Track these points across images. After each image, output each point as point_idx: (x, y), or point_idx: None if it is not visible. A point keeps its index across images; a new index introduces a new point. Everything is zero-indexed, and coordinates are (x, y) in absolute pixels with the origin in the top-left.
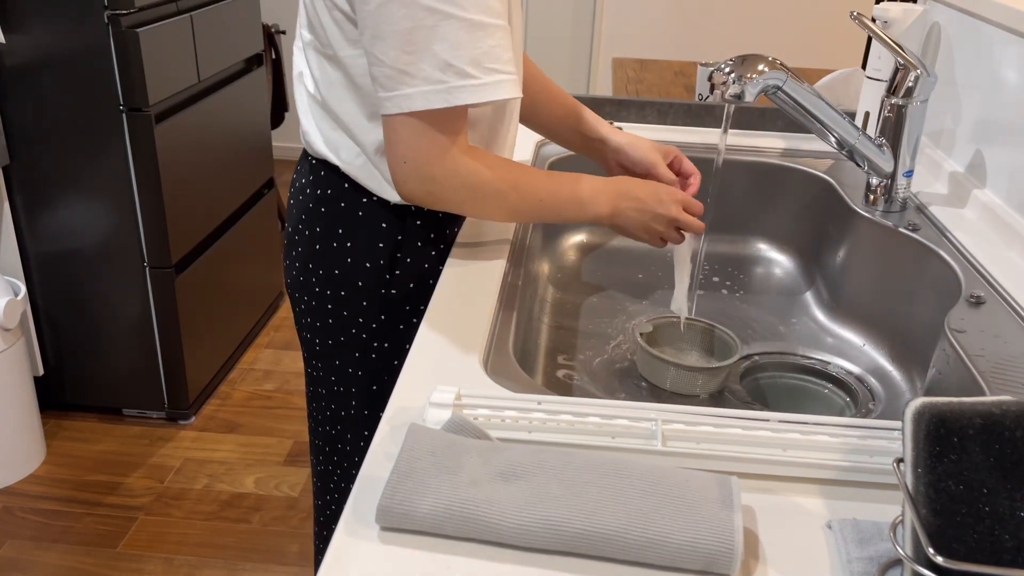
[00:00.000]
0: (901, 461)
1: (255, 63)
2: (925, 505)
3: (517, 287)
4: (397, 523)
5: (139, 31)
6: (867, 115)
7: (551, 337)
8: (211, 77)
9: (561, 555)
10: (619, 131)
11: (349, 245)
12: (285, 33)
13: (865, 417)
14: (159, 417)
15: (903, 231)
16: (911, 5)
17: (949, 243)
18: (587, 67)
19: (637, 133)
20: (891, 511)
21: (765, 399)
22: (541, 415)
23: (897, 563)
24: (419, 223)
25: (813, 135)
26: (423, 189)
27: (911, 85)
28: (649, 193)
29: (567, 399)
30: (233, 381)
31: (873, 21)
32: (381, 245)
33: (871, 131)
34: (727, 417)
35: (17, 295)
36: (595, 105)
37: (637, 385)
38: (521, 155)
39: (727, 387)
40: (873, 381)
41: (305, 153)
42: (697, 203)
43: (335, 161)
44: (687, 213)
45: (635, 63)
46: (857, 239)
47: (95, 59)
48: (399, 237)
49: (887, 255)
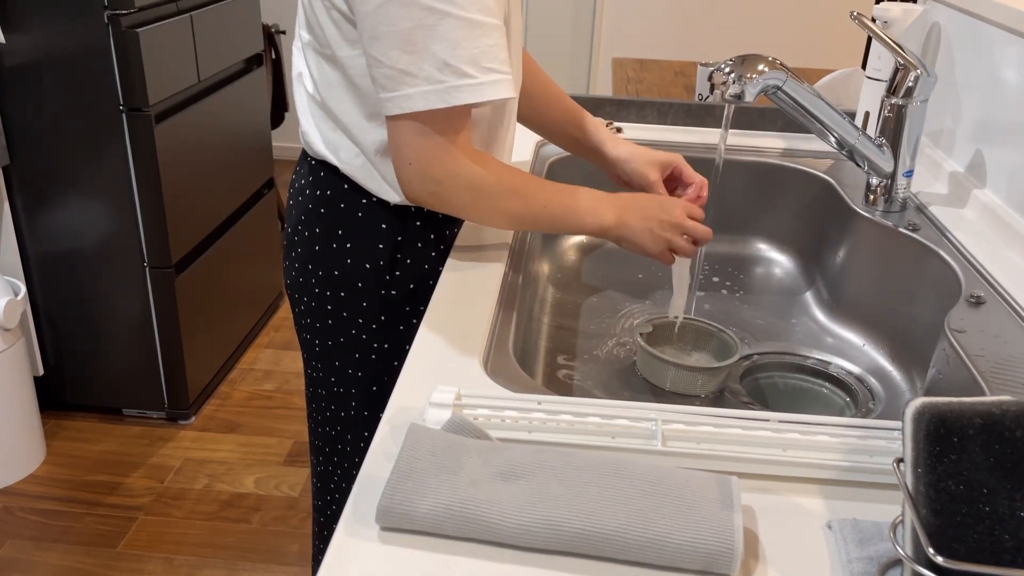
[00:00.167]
0: (901, 461)
1: (255, 63)
2: (925, 505)
3: (517, 287)
4: (397, 523)
5: (139, 31)
6: (867, 115)
7: (551, 337)
8: (211, 77)
9: (561, 555)
10: (619, 141)
11: (349, 246)
12: (285, 33)
13: (865, 417)
14: (159, 417)
15: (903, 231)
16: (911, 5)
17: (949, 243)
18: (587, 67)
19: (637, 133)
20: (891, 511)
21: (765, 399)
22: (541, 415)
23: (897, 563)
24: (419, 224)
25: (813, 135)
26: (428, 191)
27: (911, 85)
28: (652, 201)
29: (567, 399)
30: (233, 381)
31: (873, 21)
32: (381, 246)
33: (871, 131)
34: (727, 417)
35: (17, 295)
36: (595, 105)
37: (637, 385)
38: (521, 155)
39: (727, 387)
40: (873, 381)
41: (304, 154)
42: (699, 211)
43: (334, 162)
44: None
45: (635, 63)
46: (857, 239)
47: (95, 59)
48: (399, 238)
49: (887, 255)
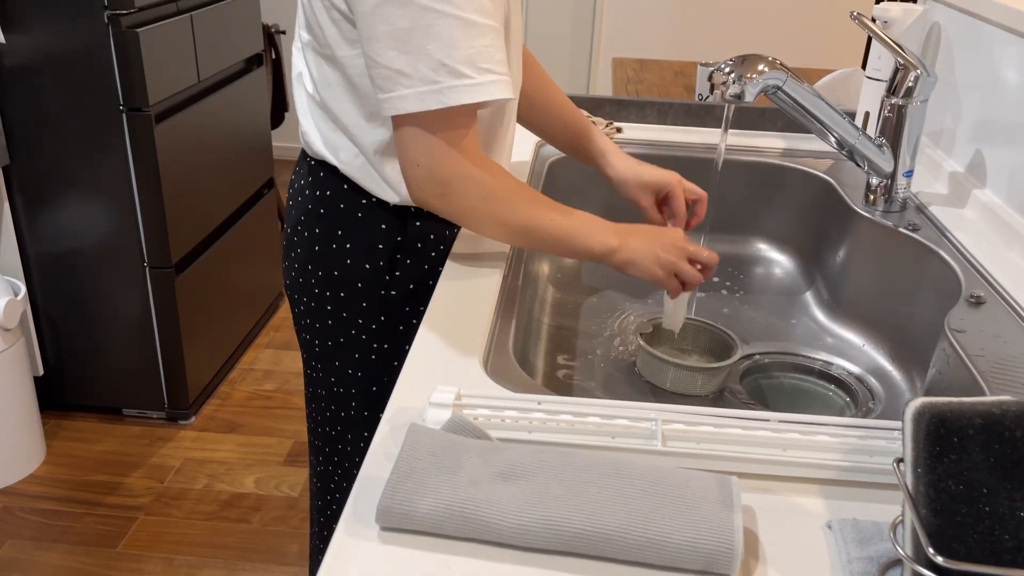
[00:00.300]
0: (901, 461)
1: (255, 63)
2: (925, 505)
3: (517, 287)
4: (397, 523)
5: (139, 31)
6: (867, 115)
7: (551, 337)
8: (211, 77)
9: (561, 555)
10: (618, 158)
11: (348, 246)
12: (285, 33)
13: (865, 417)
14: (159, 417)
15: (903, 231)
16: (911, 5)
17: (949, 243)
18: (587, 67)
19: (637, 133)
20: (891, 511)
21: (765, 399)
22: (541, 415)
23: (897, 563)
24: (419, 224)
25: (813, 135)
26: (436, 192)
27: (911, 85)
28: (653, 228)
29: (567, 399)
30: (233, 381)
31: (873, 21)
32: (380, 246)
33: (871, 131)
34: (727, 417)
35: (17, 295)
36: (595, 105)
37: (637, 385)
38: (520, 156)
39: (727, 387)
40: (873, 381)
41: (304, 154)
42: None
43: (334, 162)
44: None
45: (635, 63)
46: (857, 239)
47: (95, 59)
48: (399, 238)
49: (887, 255)
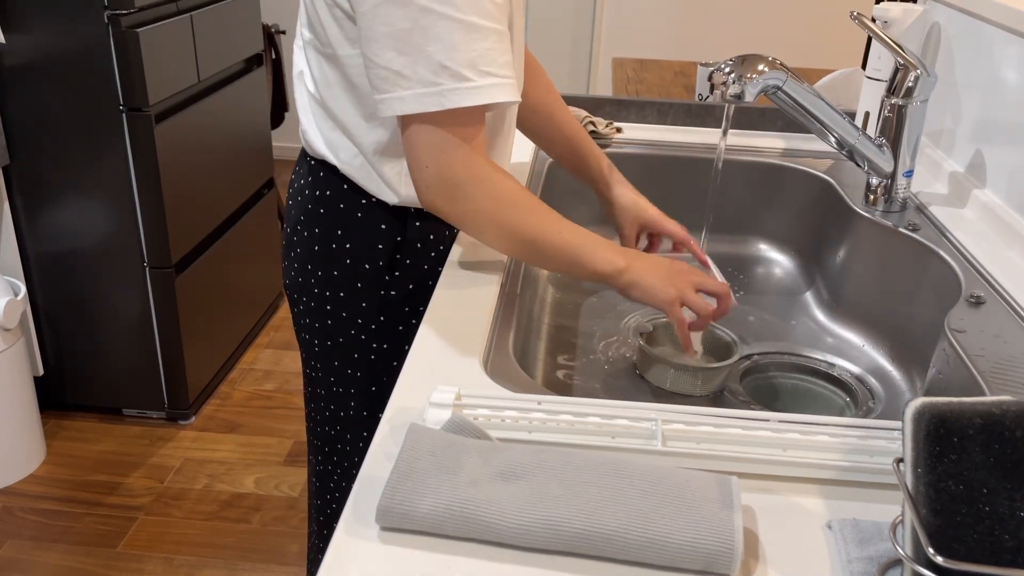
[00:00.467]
0: (901, 461)
1: (255, 63)
2: (925, 505)
3: (517, 287)
4: (397, 523)
5: (139, 31)
6: (867, 115)
7: (551, 337)
8: (211, 77)
9: (561, 555)
10: (611, 185)
11: (348, 246)
12: (285, 33)
13: (865, 417)
14: (159, 417)
15: (903, 231)
16: (911, 5)
17: (949, 243)
18: (587, 67)
19: (637, 133)
20: (891, 511)
21: (765, 399)
22: (541, 415)
23: (897, 563)
24: (418, 224)
25: (813, 135)
26: (445, 195)
27: (911, 85)
28: (660, 256)
29: (567, 399)
30: (233, 381)
31: (873, 21)
32: (380, 246)
33: (871, 131)
34: (727, 417)
35: (17, 295)
36: (595, 105)
37: (637, 385)
38: (520, 157)
39: (727, 387)
40: (873, 381)
41: (304, 153)
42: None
43: (334, 161)
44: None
45: (635, 63)
46: (857, 239)
47: (95, 59)
48: (398, 238)
49: (887, 255)
